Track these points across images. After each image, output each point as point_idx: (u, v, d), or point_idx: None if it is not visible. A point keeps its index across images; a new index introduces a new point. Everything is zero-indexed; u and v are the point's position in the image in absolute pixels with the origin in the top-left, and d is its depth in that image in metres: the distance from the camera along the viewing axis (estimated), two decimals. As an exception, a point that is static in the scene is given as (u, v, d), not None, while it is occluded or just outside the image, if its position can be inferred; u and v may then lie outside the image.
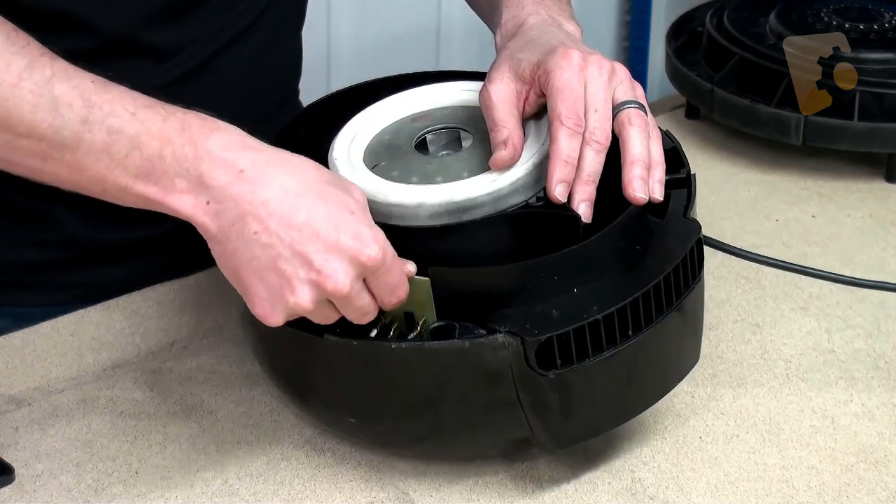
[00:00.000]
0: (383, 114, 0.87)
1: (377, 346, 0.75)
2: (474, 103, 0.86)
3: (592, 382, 0.75)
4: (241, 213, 0.72)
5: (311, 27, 1.09)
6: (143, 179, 0.73)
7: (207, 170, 0.72)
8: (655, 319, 0.76)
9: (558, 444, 0.80)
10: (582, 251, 0.76)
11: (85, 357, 0.95)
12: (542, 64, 0.81)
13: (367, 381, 0.77)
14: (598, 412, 0.78)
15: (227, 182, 0.72)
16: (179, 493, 0.83)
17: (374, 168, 0.82)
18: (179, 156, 0.72)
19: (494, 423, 0.77)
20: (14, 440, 0.87)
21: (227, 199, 0.72)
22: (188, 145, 0.73)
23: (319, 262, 0.71)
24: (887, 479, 0.83)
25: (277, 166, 0.73)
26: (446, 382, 0.75)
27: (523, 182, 0.79)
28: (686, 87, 1.29)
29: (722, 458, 0.85)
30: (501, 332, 0.73)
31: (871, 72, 1.19)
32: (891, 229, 1.12)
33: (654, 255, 0.78)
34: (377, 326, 0.76)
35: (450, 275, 0.75)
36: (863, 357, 0.95)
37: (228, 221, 0.72)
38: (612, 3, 2.36)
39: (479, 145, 0.83)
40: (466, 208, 0.77)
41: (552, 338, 0.73)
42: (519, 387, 0.74)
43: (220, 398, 0.91)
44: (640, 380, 0.78)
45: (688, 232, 0.80)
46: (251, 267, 0.72)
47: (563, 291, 0.75)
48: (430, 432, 0.79)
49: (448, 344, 0.73)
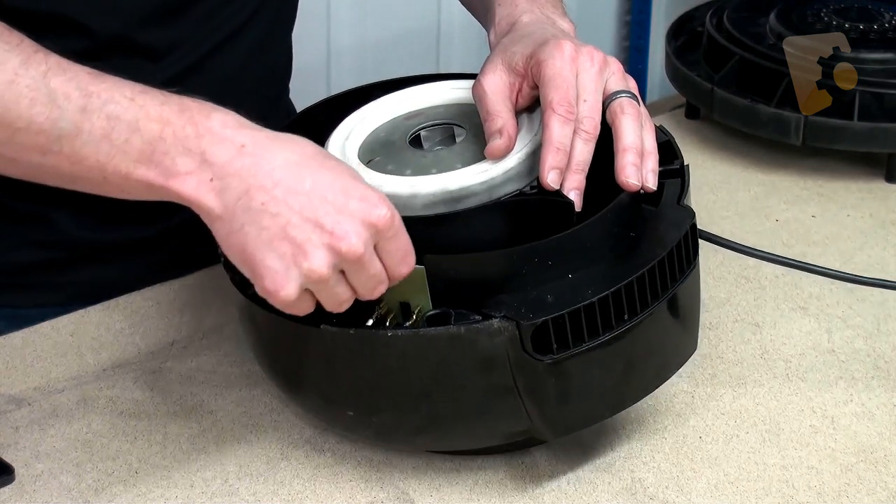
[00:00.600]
0: (377, 113, 0.88)
1: (373, 335, 0.75)
2: (467, 101, 0.87)
3: (589, 368, 0.75)
4: (246, 188, 0.71)
5: (311, 28, 1.10)
6: (145, 164, 0.73)
7: (209, 146, 0.72)
8: (650, 304, 0.76)
9: (555, 432, 0.79)
10: (576, 236, 0.76)
11: (85, 357, 0.95)
12: (534, 55, 0.82)
13: (365, 371, 0.77)
14: (594, 399, 0.78)
15: (230, 158, 0.72)
16: (179, 493, 0.83)
17: (370, 163, 0.83)
18: (181, 136, 0.72)
19: (491, 412, 0.77)
20: (14, 440, 0.87)
21: (230, 174, 0.72)
22: (189, 125, 0.73)
23: (331, 224, 0.71)
24: (887, 479, 0.83)
25: (277, 141, 0.74)
26: (443, 370, 0.75)
27: (517, 171, 0.79)
28: (686, 87, 1.29)
29: (722, 458, 0.85)
30: (497, 318, 0.73)
31: (871, 72, 1.19)
32: (891, 229, 1.12)
33: (647, 241, 0.79)
34: (373, 316, 0.76)
35: (445, 262, 0.75)
36: (863, 357, 0.95)
37: (234, 197, 0.72)
38: (612, 3, 2.36)
39: (472, 140, 0.83)
40: (460, 197, 0.78)
41: (548, 322, 0.73)
42: (515, 373, 0.74)
43: (220, 398, 0.91)
44: (636, 367, 0.79)
45: (681, 218, 0.80)
46: (260, 239, 0.71)
47: (558, 277, 0.76)
48: (427, 422, 0.79)
49: (444, 330, 0.73)
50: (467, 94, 0.86)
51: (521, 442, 0.84)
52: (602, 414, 0.80)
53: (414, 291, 0.76)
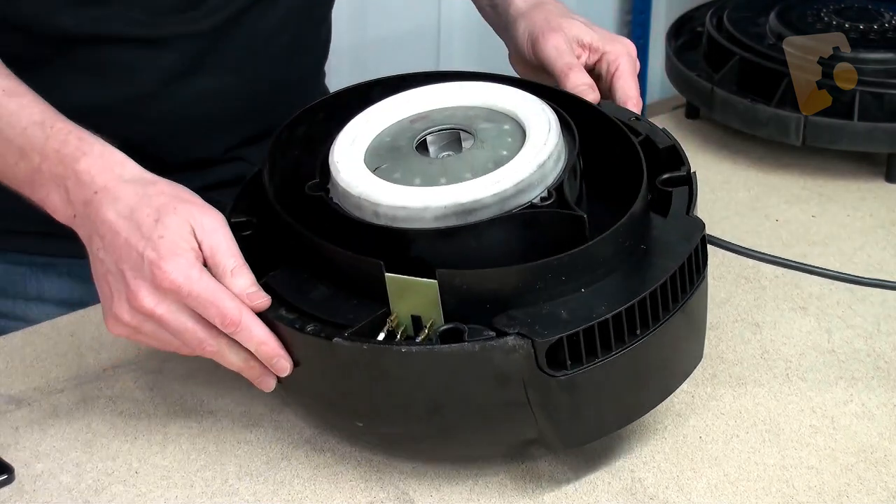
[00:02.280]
0: (382, 116, 0.87)
1: (386, 350, 0.75)
2: (472, 104, 0.86)
3: (601, 382, 0.75)
4: (90, 232, 0.81)
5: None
6: (29, 187, 0.84)
7: (72, 187, 0.81)
8: (662, 318, 0.77)
9: (566, 444, 0.80)
10: (589, 251, 0.76)
11: (85, 357, 0.95)
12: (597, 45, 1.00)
13: (376, 386, 0.77)
14: (606, 412, 0.78)
15: (83, 202, 0.81)
16: (179, 493, 0.83)
17: (377, 170, 0.82)
18: (54, 172, 0.82)
19: (502, 425, 0.77)
20: (14, 440, 0.87)
21: (82, 216, 0.81)
22: (60, 164, 0.82)
23: (132, 283, 0.78)
24: (887, 479, 0.83)
25: (125, 191, 0.80)
26: (455, 385, 0.75)
27: (528, 182, 0.79)
28: (686, 87, 1.29)
29: (722, 458, 0.85)
30: (511, 335, 0.73)
31: (871, 72, 1.19)
32: (891, 229, 1.12)
33: (659, 254, 0.79)
34: (384, 330, 0.76)
35: (458, 277, 0.75)
36: (863, 357, 0.95)
37: (85, 236, 0.82)
38: (612, 3, 2.37)
39: (479, 146, 0.83)
40: (472, 210, 0.77)
41: (562, 339, 0.73)
42: (528, 388, 0.74)
43: (220, 398, 0.91)
44: (647, 379, 0.79)
45: (691, 230, 0.80)
46: (97, 273, 0.81)
47: (571, 292, 0.76)
48: (436, 435, 0.79)
49: (458, 347, 0.73)
50: (472, 98, 0.86)
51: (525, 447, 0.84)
52: (613, 426, 0.80)
53: (426, 305, 0.76)
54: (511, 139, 0.83)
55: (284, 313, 0.78)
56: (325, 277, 0.80)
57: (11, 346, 0.97)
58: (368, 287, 0.77)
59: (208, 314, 0.78)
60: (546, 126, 0.82)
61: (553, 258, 0.75)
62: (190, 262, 0.78)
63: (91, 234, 0.81)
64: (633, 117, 0.91)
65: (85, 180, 0.81)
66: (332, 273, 0.79)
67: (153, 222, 0.79)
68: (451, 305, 0.75)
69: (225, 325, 0.78)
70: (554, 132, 0.81)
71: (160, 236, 0.78)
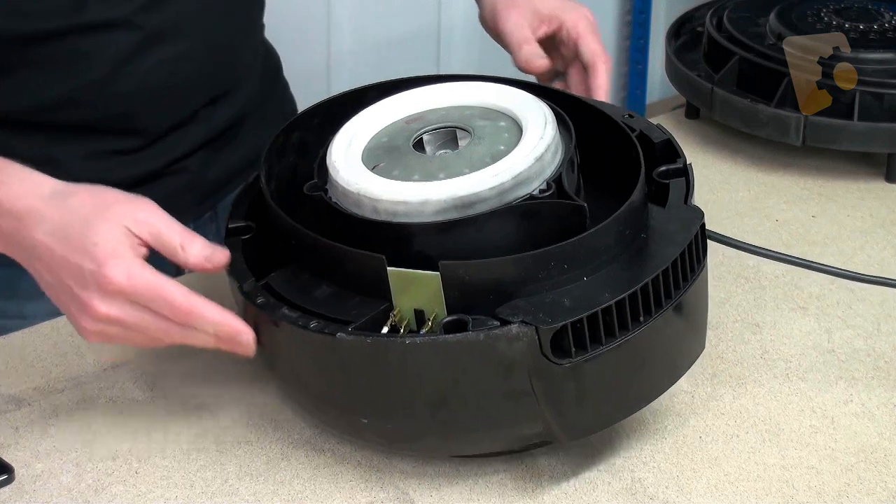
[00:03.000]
0: (377, 117, 0.88)
1: (391, 343, 0.75)
2: (467, 103, 0.87)
3: (605, 370, 0.76)
4: (28, 256, 0.82)
5: (311, 30, 1.10)
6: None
7: (0, 216, 0.82)
8: (665, 304, 0.77)
9: (571, 435, 0.80)
10: (590, 240, 0.76)
11: (85, 357, 0.95)
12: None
13: (381, 379, 0.77)
14: (610, 401, 0.78)
15: (11, 230, 0.82)
16: (179, 493, 0.83)
17: (374, 169, 0.82)
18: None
19: (508, 417, 0.77)
20: (14, 440, 0.87)
21: (13, 244, 0.83)
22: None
23: (81, 293, 0.80)
24: (887, 479, 0.83)
25: (49, 209, 0.81)
26: (460, 376, 0.75)
27: (526, 175, 0.79)
28: (686, 87, 1.29)
29: (722, 458, 0.85)
30: (515, 323, 0.73)
31: (871, 72, 1.19)
32: (891, 229, 1.12)
33: (659, 242, 0.79)
34: (387, 324, 0.76)
35: (461, 268, 0.75)
36: (863, 357, 0.95)
37: (25, 261, 0.83)
38: (612, 3, 2.37)
39: (476, 142, 0.83)
40: (471, 203, 0.78)
41: (566, 326, 0.73)
42: (533, 377, 0.74)
43: (220, 398, 0.91)
44: (650, 367, 0.79)
45: (690, 218, 0.81)
46: (51, 292, 0.83)
47: (574, 280, 0.76)
48: (442, 428, 0.79)
49: (462, 336, 0.73)
50: (467, 98, 0.87)
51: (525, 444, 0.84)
52: (616, 416, 0.81)
53: (429, 298, 0.76)
54: (508, 135, 0.83)
55: (287, 312, 0.78)
56: (326, 276, 0.80)
57: (11, 346, 0.97)
58: (370, 283, 0.77)
59: (158, 308, 0.79)
60: (542, 121, 0.82)
61: (555, 246, 0.75)
62: (129, 262, 0.79)
63: (30, 259, 0.82)
64: (627, 114, 0.91)
65: (7, 209, 0.82)
66: (333, 272, 0.79)
67: (83, 233, 0.80)
68: (454, 297, 0.75)
69: (176, 316, 0.79)
70: (550, 126, 0.82)
71: (94, 244, 0.79)
